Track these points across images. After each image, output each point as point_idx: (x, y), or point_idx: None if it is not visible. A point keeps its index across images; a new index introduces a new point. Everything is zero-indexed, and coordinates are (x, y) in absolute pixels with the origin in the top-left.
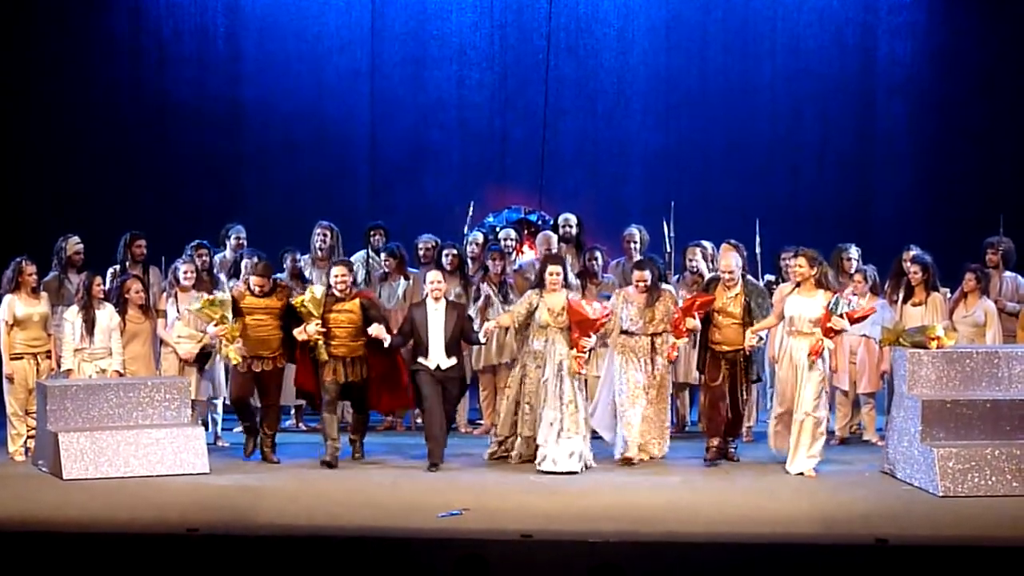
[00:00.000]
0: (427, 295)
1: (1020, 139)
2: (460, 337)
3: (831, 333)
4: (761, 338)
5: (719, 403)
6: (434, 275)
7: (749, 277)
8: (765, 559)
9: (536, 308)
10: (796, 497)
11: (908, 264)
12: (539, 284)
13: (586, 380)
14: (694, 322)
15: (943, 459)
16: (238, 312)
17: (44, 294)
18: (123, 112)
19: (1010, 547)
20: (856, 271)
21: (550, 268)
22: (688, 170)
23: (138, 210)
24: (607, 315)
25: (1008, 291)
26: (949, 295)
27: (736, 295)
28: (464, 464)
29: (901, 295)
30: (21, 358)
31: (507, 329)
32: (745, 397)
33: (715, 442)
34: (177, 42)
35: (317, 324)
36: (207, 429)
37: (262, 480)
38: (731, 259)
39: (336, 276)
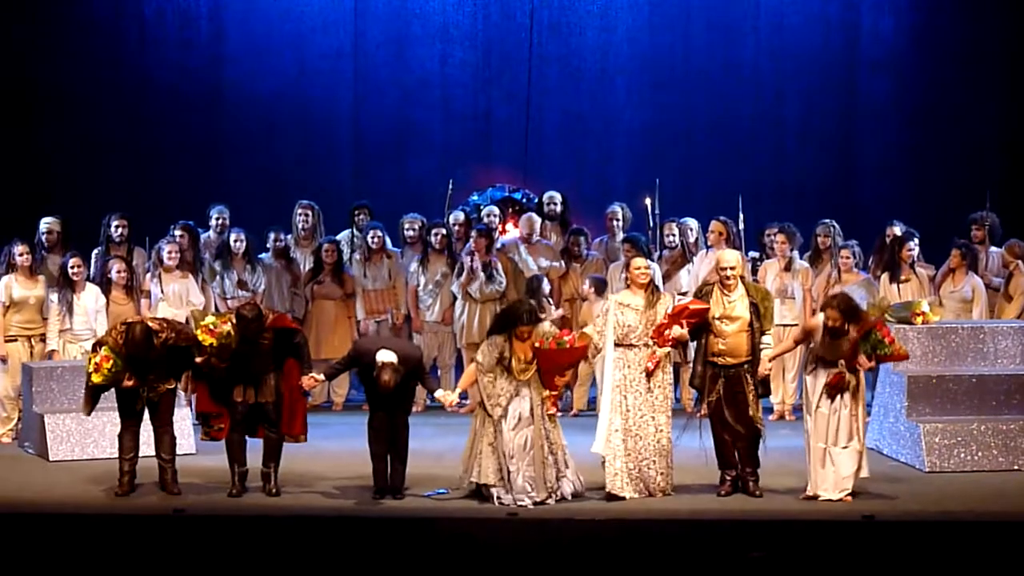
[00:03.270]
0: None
1: (1004, 114)
2: (415, 378)
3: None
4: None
5: (723, 431)
6: (388, 359)
7: (751, 279)
8: (753, 536)
9: (505, 355)
10: (782, 474)
11: (903, 243)
12: (506, 330)
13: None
14: (681, 331)
15: (929, 435)
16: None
17: (41, 277)
18: (105, 93)
19: (996, 522)
20: (841, 247)
21: (520, 329)
22: (672, 147)
23: (122, 191)
24: (583, 349)
25: (994, 267)
26: (934, 271)
27: (740, 296)
28: (451, 444)
29: (888, 272)
30: (15, 340)
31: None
32: (757, 419)
33: (730, 474)
34: (159, 23)
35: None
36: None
37: (248, 461)
38: (732, 256)
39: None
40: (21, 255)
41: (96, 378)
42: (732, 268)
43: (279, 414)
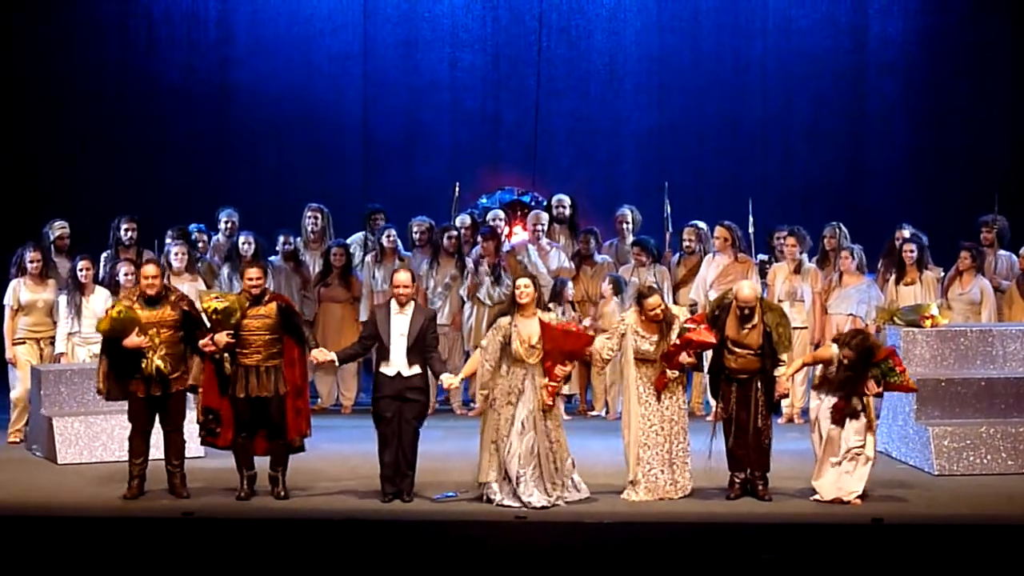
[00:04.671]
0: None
1: (1012, 117)
2: (424, 344)
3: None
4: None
5: (733, 435)
6: (403, 277)
7: (764, 298)
8: (762, 539)
9: (510, 338)
10: (792, 477)
11: (903, 243)
12: (511, 306)
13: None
14: (689, 359)
15: (938, 438)
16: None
17: (51, 281)
18: (112, 94)
19: (1005, 525)
20: (842, 248)
21: (518, 282)
22: (681, 150)
23: (129, 193)
24: (590, 340)
25: (1003, 269)
26: (942, 274)
27: (754, 326)
28: (459, 447)
29: (893, 274)
30: (23, 343)
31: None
32: (768, 424)
33: (739, 477)
34: (168, 24)
35: (228, 333)
36: None
37: (256, 463)
38: (749, 293)
39: (250, 279)
40: (32, 261)
41: (103, 325)
42: (751, 308)
43: (283, 415)
